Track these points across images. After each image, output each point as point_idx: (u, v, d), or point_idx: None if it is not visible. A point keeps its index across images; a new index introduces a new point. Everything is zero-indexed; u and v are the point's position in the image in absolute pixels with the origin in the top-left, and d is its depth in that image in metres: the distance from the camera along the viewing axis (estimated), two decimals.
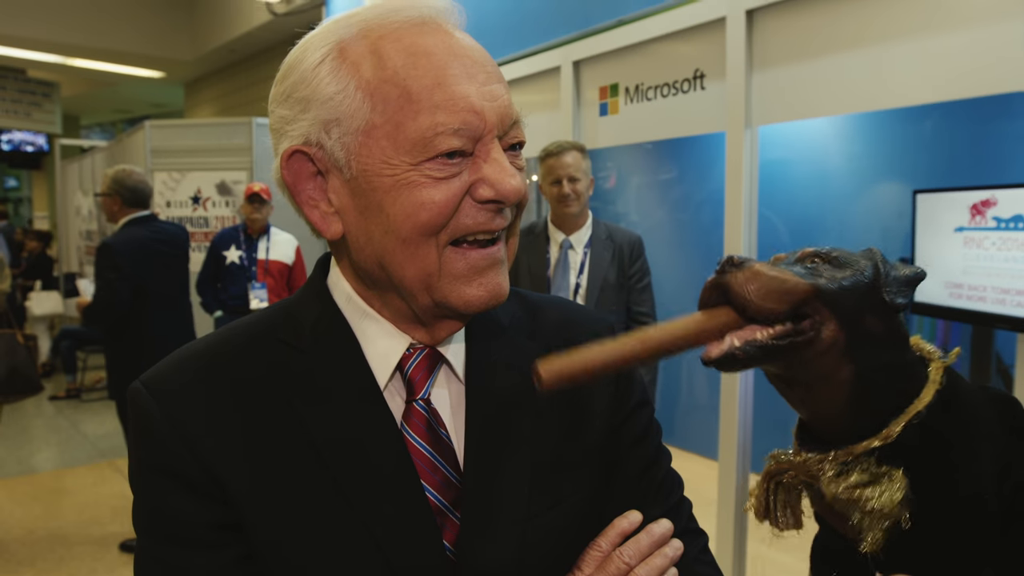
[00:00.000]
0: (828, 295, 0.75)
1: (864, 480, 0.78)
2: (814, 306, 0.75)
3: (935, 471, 0.78)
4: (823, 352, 0.76)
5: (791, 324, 0.74)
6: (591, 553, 0.84)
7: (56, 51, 10.31)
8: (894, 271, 0.80)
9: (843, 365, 0.77)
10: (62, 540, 4.37)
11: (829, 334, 0.75)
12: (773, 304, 0.73)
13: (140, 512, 0.78)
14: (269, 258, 4.88)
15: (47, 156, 13.84)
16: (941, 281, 2.42)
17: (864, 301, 0.77)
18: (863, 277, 0.77)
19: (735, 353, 0.73)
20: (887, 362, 0.79)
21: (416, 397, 0.83)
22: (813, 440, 0.84)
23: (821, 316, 0.75)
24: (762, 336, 0.73)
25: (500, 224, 0.78)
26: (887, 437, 0.78)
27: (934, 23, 2.38)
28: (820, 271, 0.77)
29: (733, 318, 0.74)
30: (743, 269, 0.74)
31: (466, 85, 0.74)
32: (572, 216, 3.25)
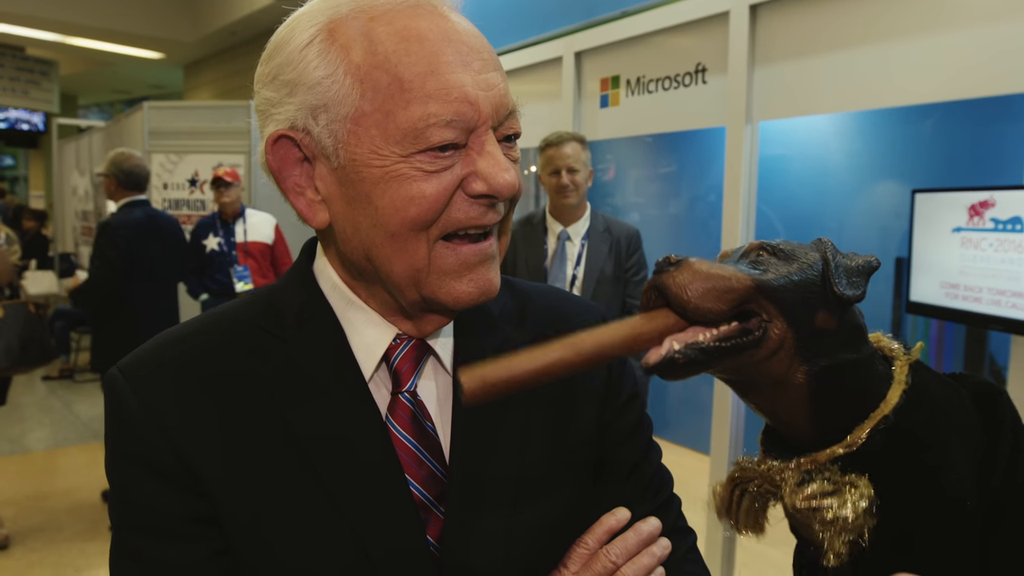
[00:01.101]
0: (772, 290, 0.69)
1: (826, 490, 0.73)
2: (759, 303, 0.70)
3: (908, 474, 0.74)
4: (772, 352, 0.70)
5: (737, 324, 0.69)
6: (577, 551, 0.83)
7: (55, 29, 10.24)
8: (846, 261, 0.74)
9: (796, 366, 0.72)
10: (53, 521, 4.36)
11: (777, 333, 0.70)
12: (713, 303, 0.67)
13: (115, 502, 0.77)
14: (248, 240, 4.88)
15: (44, 135, 13.78)
16: (937, 281, 2.41)
17: (813, 295, 0.71)
18: (811, 270, 0.72)
19: (675, 357, 0.68)
20: (843, 360, 0.73)
21: (402, 389, 0.81)
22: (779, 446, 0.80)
23: (768, 314, 0.70)
24: (704, 338, 0.68)
25: (492, 219, 0.75)
26: (851, 444, 0.73)
27: (938, 22, 2.37)
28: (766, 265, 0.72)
29: (674, 320, 0.69)
30: (680, 268, 0.69)
31: (460, 73, 0.71)
32: (570, 207, 3.23)
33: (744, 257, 0.74)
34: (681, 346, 0.68)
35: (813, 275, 0.72)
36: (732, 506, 0.83)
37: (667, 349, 0.68)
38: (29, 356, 4.03)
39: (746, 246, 0.76)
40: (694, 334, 0.69)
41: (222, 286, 4.80)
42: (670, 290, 0.68)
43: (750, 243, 0.76)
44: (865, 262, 0.75)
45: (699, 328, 0.69)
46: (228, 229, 4.90)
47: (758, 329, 0.70)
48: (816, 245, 0.76)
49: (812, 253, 0.74)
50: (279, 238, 5.04)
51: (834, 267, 0.73)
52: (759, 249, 0.74)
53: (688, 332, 0.69)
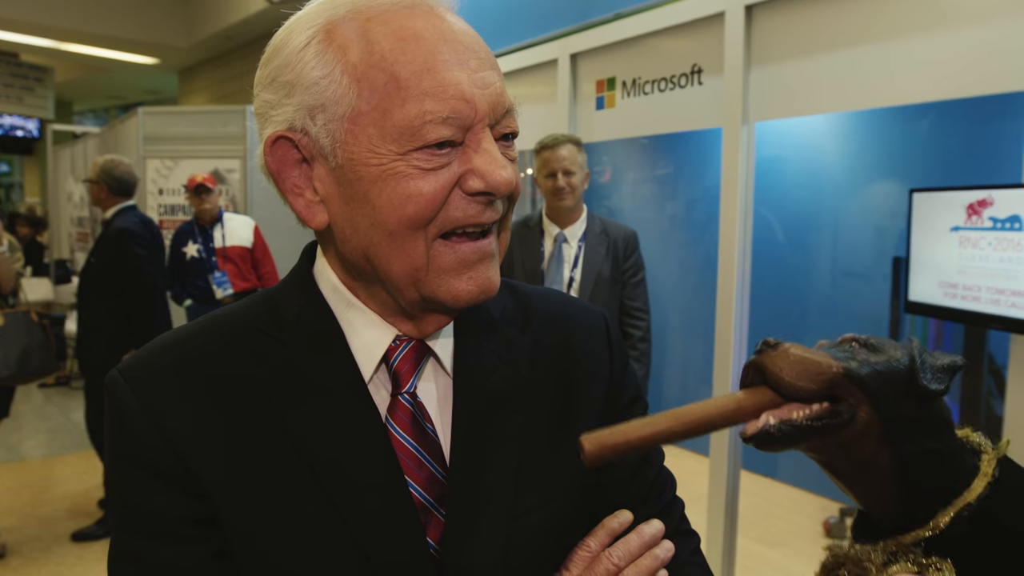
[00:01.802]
0: (859, 377, 0.76)
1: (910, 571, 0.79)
2: (847, 388, 0.76)
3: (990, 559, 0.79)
4: (859, 435, 0.77)
5: (828, 405, 0.76)
6: (579, 553, 0.82)
7: (49, 35, 10.23)
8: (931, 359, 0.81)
9: (881, 450, 0.78)
10: (50, 528, 4.34)
11: (863, 417, 0.76)
12: (805, 383, 0.74)
13: (115, 504, 0.77)
14: (226, 245, 4.89)
15: (39, 142, 13.76)
16: (936, 281, 2.41)
17: (898, 385, 0.77)
18: (898, 363, 0.78)
19: (770, 431, 0.75)
20: (928, 448, 0.79)
21: (402, 390, 0.80)
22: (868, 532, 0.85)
23: (855, 399, 0.76)
24: (798, 415, 0.75)
25: (491, 217, 0.75)
26: (934, 528, 0.78)
27: (933, 22, 2.37)
28: (855, 355, 0.78)
29: (771, 397, 0.76)
30: (777, 349, 0.77)
31: (457, 72, 0.71)
32: (567, 209, 3.23)
33: (837, 346, 0.80)
34: (776, 421, 0.75)
35: (898, 366, 0.78)
36: None
37: (763, 423, 0.75)
38: (31, 366, 3.99)
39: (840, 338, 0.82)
40: (789, 411, 0.75)
41: (203, 292, 4.84)
42: (767, 368, 0.75)
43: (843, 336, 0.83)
44: (951, 361, 0.81)
45: (794, 406, 0.76)
46: (207, 235, 4.91)
47: (847, 412, 0.75)
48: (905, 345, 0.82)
49: (900, 349, 0.80)
50: (258, 240, 5.04)
51: (920, 363, 0.78)
52: (851, 341, 0.81)
53: (784, 409, 0.76)
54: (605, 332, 0.96)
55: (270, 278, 5.00)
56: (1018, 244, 2.12)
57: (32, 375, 4.07)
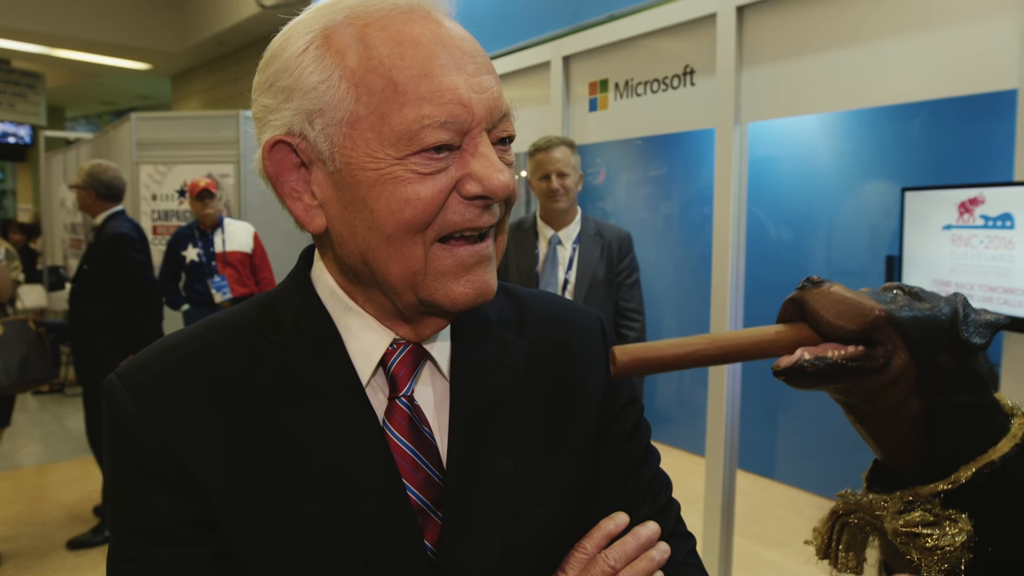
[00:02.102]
0: (901, 323, 0.75)
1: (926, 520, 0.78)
2: (886, 333, 0.75)
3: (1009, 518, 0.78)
4: (893, 381, 0.75)
5: (864, 348, 0.75)
6: (576, 555, 0.83)
7: (41, 41, 10.20)
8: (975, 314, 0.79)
9: (913, 399, 0.76)
10: (45, 536, 4.32)
11: (899, 363, 0.75)
12: (845, 322, 0.74)
13: (113, 508, 0.77)
14: (226, 250, 4.89)
15: (31, 148, 13.71)
16: (928, 279, 2.42)
17: (939, 335, 0.76)
18: (940, 312, 0.77)
19: (804, 366, 0.74)
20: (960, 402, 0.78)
21: (399, 394, 0.81)
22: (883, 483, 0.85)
23: (893, 344, 0.75)
24: (834, 354, 0.74)
25: (488, 221, 0.76)
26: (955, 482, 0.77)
27: (923, 21, 2.38)
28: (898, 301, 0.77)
29: (808, 334, 0.75)
30: (820, 287, 0.76)
31: (454, 76, 0.71)
32: (561, 212, 3.23)
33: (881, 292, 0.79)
34: (812, 357, 0.74)
35: (942, 318, 0.77)
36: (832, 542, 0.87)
37: (798, 357, 0.74)
38: (30, 374, 3.96)
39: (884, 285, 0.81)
40: (824, 349, 0.74)
41: (201, 296, 4.83)
42: (808, 304, 0.74)
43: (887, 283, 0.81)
44: (995, 318, 0.80)
45: (830, 345, 0.75)
46: (207, 239, 4.91)
47: (883, 356, 0.75)
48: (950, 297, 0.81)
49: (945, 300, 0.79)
50: (258, 246, 5.05)
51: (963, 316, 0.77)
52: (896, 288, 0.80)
53: (820, 347, 0.75)
54: (601, 334, 0.97)
55: (268, 284, 5.01)
56: (1009, 242, 2.13)
57: (32, 383, 4.04)
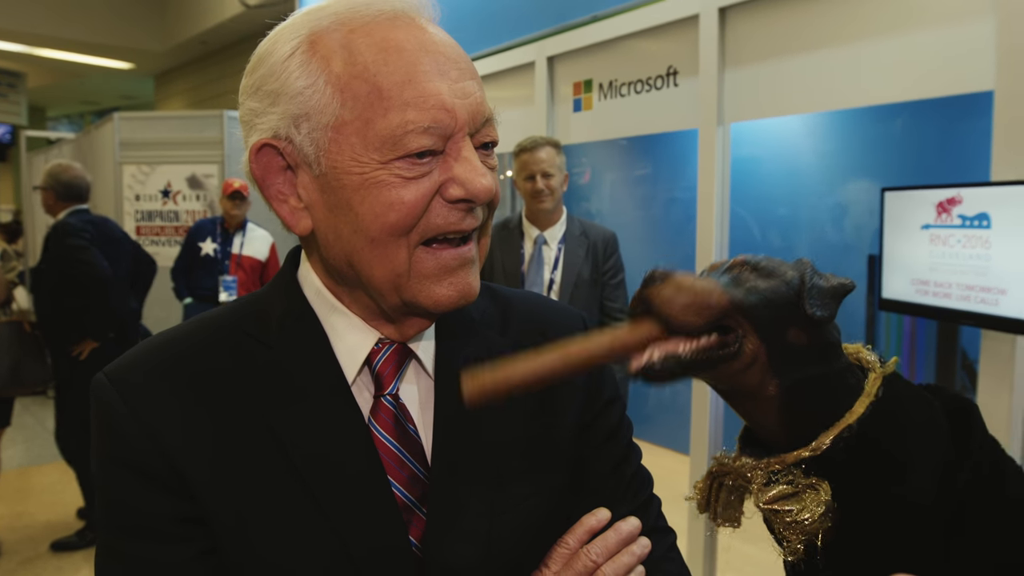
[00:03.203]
0: (746, 308, 0.74)
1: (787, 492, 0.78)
2: (735, 319, 0.74)
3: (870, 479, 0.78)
4: (747, 366, 0.75)
5: (716, 336, 0.74)
6: (558, 550, 0.84)
7: (22, 40, 10.10)
8: (821, 282, 0.78)
9: (768, 379, 0.76)
10: (28, 540, 4.29)
11: (750, 348, 0.75)
12: (691, 317, 0.72)
13: (101, 505, 0.78)
14: (243, 253, 4.94)
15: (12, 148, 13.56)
16: (908, 278, 2.45)
17: (786, 313, 0.76)
18: (786, 288, 0.76)
19: (654, 366, 0.73)
20: (813, 375, 0.78)
21: (384, 392, 0.82)
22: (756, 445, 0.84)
23: (743, 329, 0.74)
24: (684, 349, 0.73)
25: (471, 224, 0.77)
26: (816, 449, 0.78)
27: (902, 24, 2.41)
28: (745, 282, 0.76)
29: (658, 330, 0.73)
30: (665, 282, 0.74)
31: (437, 82, 0.73)
32: (546, 212, 3.24)
33: (728, 272, 0.78)
34: (661, 356, 0.73)
35: (788, 294, 0.76)
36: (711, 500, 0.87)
37: (647, 359, 0.73)
38: (23, 377, 3.89)
39: (731, 260, 0.80)
40: (675, 345, 0.74)
41: (207, 291, 4.87)
42: (654, 302, 0.73)
43: (735, 258, 0.80)
44: (839, 284, 0.79)
45: (680, 339, 0.74)
46: (227, 238, 4.97)
47: (734, 344, 0.74)
48: (796, 265, 0.80)
49: (791, 272, 0.78)
50: (273, 258, 5.08)
51: (808, 288, 0.77)
52: (741, 265, 0.78)
53: (670, 343, 0.74)
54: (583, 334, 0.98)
55: None
56: (986, 241, 2.16)
57: (25, 386, 3.97)
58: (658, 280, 0.74)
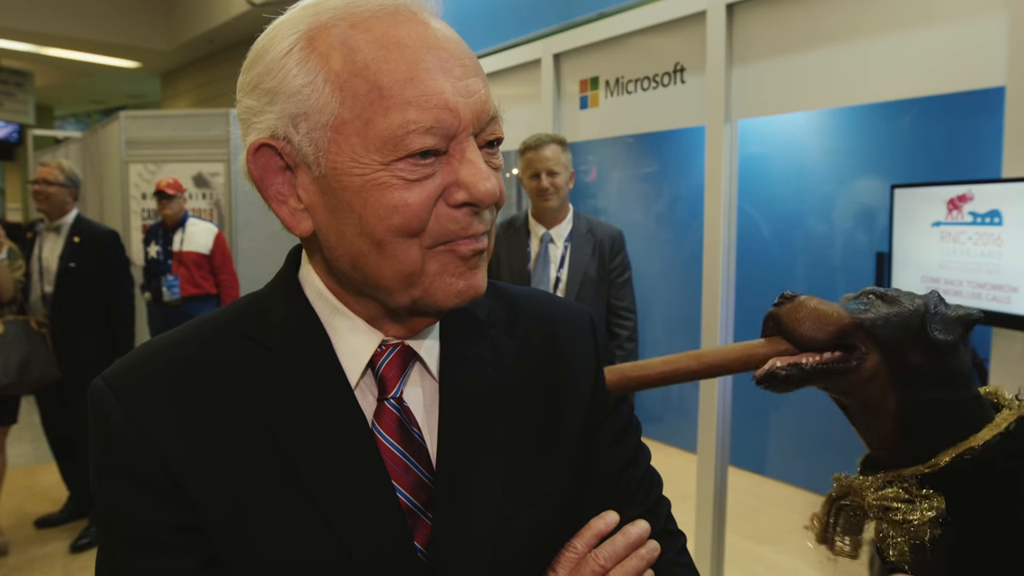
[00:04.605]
0: (869, 326, 0.79)
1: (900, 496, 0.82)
2: (858, 337, 0.79)
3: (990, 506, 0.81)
4: (866, 381, 0.80)
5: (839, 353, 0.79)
6: (566, 555, 0.83)
7: (29, 40, 10.12)
8: (946, 311, 0.83)
9: (888, 396, 0.81)
10: (35, 538, 4.30)
11: (871, 365, 0.79)
12: (815, 332, 0.79)
13: (101, 513, 0.76)
14: (183, 249, 4.99)
15: (20, 147, 13.61)
16: (918, 276, 2.43)
17: (908, 335, 0.80)
18: (912, 314, 0.81)
19: (775, 372, 0.79)
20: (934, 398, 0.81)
21: (388, 396, 0.80)
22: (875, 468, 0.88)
23: (865, 347, 0.79)
24: (807, 361, 0.80)
25: (479, 228, 0.75)
26: (933, 466, 0.82)
27: (912, 19, 2.39)
28: (871, 306, 0.81)
29: (785, 347, 0.80)
30: (793, 302, 0.80)
31: (440, 80, 0.70)
32: (552, 210, 3.23)
33: (856, 299, 0.83)
34: (784, 364, 0.79)
35: (913, 318, 0.81)
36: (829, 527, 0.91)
37: (770, 365, 0.80)
38: (31, 375, 3.90)
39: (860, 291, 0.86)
40: (799, 358, 0.80)
41: (156, 293, 5.02)
42: (782, 320, 0.80)
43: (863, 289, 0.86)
44: (966, 313, 0.84)
45: (806, 354, 0.80)
46: (167, 238, 5.03)
47: (856, 358, 0.79)
48: (925, 295, 0.84)
49: (917, 300, 0.83)
50: (218, 247, 5.10)
51: (933, 314, 0.81)
52: (869, 293, 0.84)
53: (795, 356, 0.80)
54: (591, 332, 0.96)
55: (228, 286, 5.11)
56: (998, 239, 2.14)
57: (32, 384, 3.97)
58: (787, 300, 0.81)
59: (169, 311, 4.95)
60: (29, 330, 3.96)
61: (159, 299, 5.01)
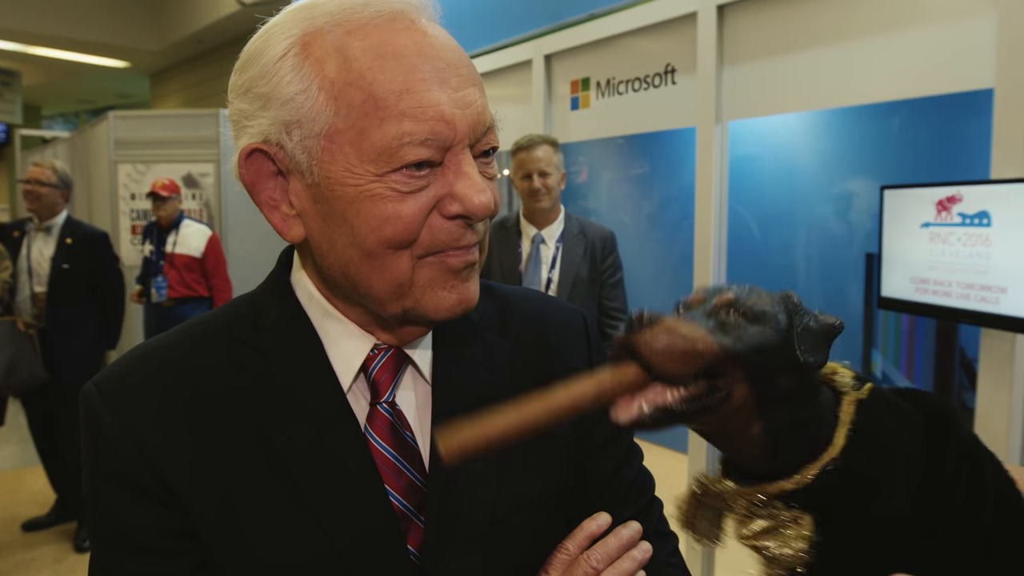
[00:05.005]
0: (737, 356, 0.71)
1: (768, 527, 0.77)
2: (725, 366, 0.71)
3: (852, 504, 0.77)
4: (732, 413, 0.73)
5: (703, 382, 0.71)
6: (558, 556, 0.83)
7: (17, 39, 10.06)
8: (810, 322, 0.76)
9: (752, 423, 0.74)
10: (22, 541, 4.27)
11: (739, 395, 0.72)
12: (679, 367, 0.69)
13: (93, 518, 0.76)
14: (175, 251, 4.95)
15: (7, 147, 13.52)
16: (907, 276, 2.44)
17: (776, 360, 0.73)
18: (775, 334, 0.73)
19: (643, 420, 0.70)
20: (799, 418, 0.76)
21: (381, 400, 0.80)
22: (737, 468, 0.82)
23: (732, 377, 0.71)
24: (672, 398, 0.70)
25: (471, 240, 0.74)
26: (799, 483, 0.76)
27: (902, 21, 2.40)
28: (732, 326, 0.73)
29: (642, 375, 0.70)
30: (652, 327, 0.70)
31: (437, 92, 0.69)
32: (543, 211, 3.23)
33: (712, 316, 0.74)
34: (649, 408, 0.70)
35: (776, 339, 0.73)
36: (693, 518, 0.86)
37: (636, 411, 0.70)
38: (17, 377, 3.87)
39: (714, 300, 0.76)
40: (662, 393, 0.70)
41: (147, 292, 5.02)
42: (640, 350, 0.69)
43: (718, 298, 0.76)
44: (829, 326, 0.77)
45: (666, 387, 0.71)
46: (161, 238, 4.99)
47: (723, 391, 0.71)
48: (783, 300, 0.77)
49: (779, 315, 0.75)
50: (211, 251, 5.04)
51: (799, 332, 0.74)
52: (727, 307, 0.75)
53: (656, 390, 0.70)
54: (583, 331, 0.96)
55: (220, 290, 5.07)
56: (986, 239, 2.15)
57: (20, 386, 3.95)
58: (644, 325, 0.70)
59: (163, 313, 4.91)
60: (16, 331, 3.92)
61: (149, 299, 5.00)
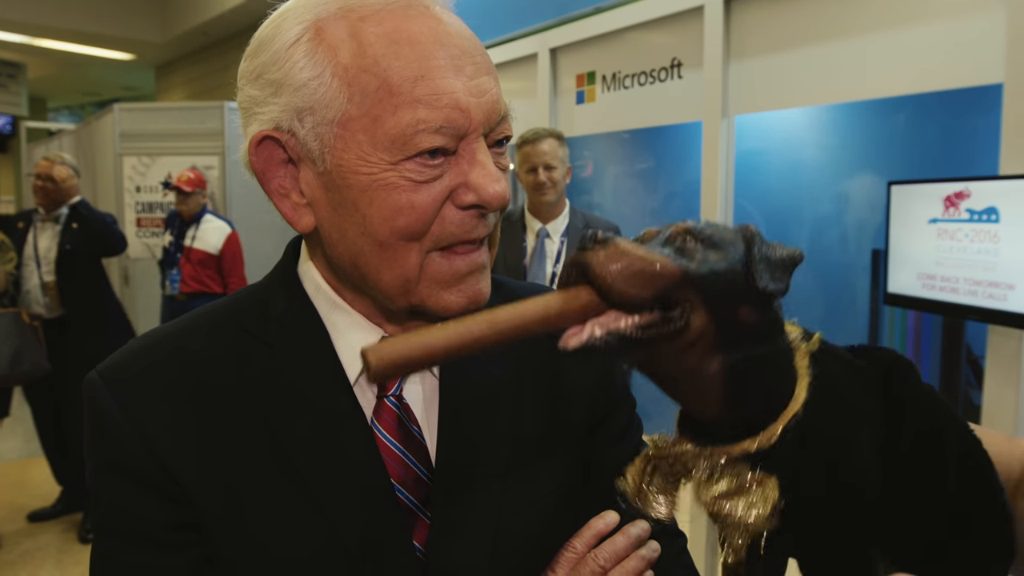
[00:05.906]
0: (698, 280, 0.65)
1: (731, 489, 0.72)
2: (683, 292, 0.65)
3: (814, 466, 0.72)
4: (691, 344, 0.67)
5: (658, 311, 0.65)
6: (565, 555, 0.82)
7: (22, 31, 10.05)
8: (769, 252, 0.70)
9: (711, 358, 0.68)
10: (27, 532, 4.29)
11: (698, 324, 0.66)
12: (637, 290, 0.63)
13: (96, 509, 0.76)
14: (193, 246, 4.90)
15: (13, 139, 13.54)
16: (914, 272, 2.43)
17: (737, 288, 0.68)
18: (736, 262, 0.68)
19: (595, 344, 0.64)
20: (758, 354, 0.70)
21: (388, 393, 0.80)
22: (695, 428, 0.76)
23: (691, 304, 0.66)
24: (626, 325, 0.64)
25: (482, 232, 0.74)
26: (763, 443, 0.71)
27: (910, 16, 2.38)
28: (691, 252, 0.67)
29: (594, 300, 0.64)
30: (606, 247, 0.64)
31: (452, 79, 0.68)
32: (548, 204, 3.22)
33: (669, 242, 0.69)
34: (603, 333, 0.64)
35: (737, 266, 0.68)
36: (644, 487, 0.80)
37: (588, 335, 0.64)
38: (20, 368, 3.87)
39: (670, 229, 0.71)
40: (616, 319, 0.65)
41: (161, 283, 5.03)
42: (593, 270, 0.64)
43: (675, 226, 0.71)
44: (788, 255, 0.72)
45: (620, 312, 0.65)
46: (182, 231, 4.95)
47: (681, 319, 0.66)
48: (741, 231, 0.72)
49: (738, 243, 0.70)
50: (229, 249, 4.96)
51: (758, 260, 0.69)
52: (684, 234, 0.70)
53: (609, 315, 0.65)
54: None
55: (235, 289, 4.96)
56: (994, 236, 2.14)
57: (24, 377, 3.95)
58: (598, 244, 0.65)
59: (176, 306, 4.86)
60: (21, 322, 3.93)
61: (164, 290, 5.00)
